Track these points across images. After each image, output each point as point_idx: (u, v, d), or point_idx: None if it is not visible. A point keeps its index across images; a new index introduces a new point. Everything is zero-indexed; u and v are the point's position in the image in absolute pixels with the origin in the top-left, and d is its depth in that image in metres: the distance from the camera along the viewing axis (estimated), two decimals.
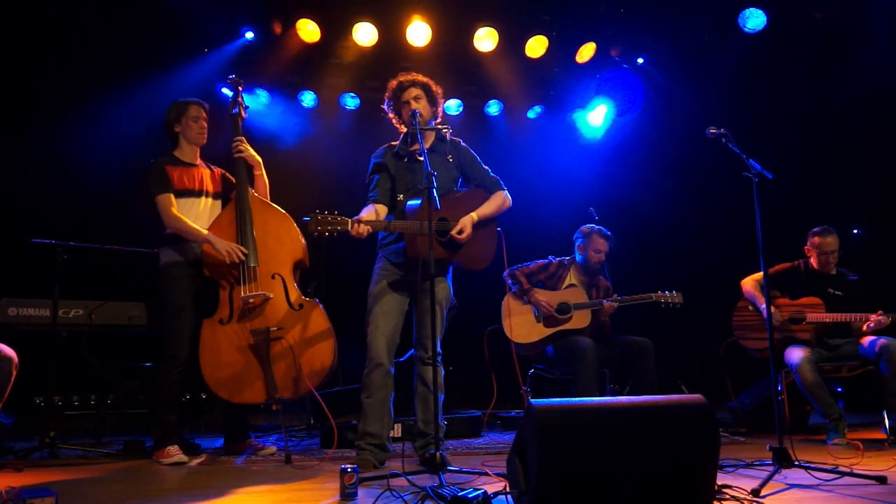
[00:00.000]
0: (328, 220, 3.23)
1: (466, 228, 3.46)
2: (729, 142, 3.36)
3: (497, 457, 3.66)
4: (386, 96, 3.71)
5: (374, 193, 3.63)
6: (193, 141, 3.93)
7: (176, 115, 3.90)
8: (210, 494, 2.86)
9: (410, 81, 3.64)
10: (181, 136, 3.92)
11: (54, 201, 5.07)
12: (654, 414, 2.36)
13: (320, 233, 3.23)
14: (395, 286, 3.56)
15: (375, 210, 3.54)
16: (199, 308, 3.77)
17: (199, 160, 3.98)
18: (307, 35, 5.66)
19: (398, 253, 3.56)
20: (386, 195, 3.62)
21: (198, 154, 3.99)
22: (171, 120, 3.91)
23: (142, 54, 5.29)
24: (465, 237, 3.46)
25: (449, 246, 3.49)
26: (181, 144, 3.93)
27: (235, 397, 3.67)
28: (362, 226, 3.27)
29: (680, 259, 6.15)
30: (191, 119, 3.90)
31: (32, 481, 3.16)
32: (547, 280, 4.62)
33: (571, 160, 6.44)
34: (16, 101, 5.03)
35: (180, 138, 3.92)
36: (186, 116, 3.90)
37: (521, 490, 2.35)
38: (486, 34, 5.87)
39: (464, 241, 3.48)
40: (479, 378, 4.53)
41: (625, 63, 6.19)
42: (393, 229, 3.46)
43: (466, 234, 3.46)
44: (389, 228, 3.46)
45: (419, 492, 2.69)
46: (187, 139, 3.92)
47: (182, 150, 3.94)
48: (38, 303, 4.15)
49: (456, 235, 3.44)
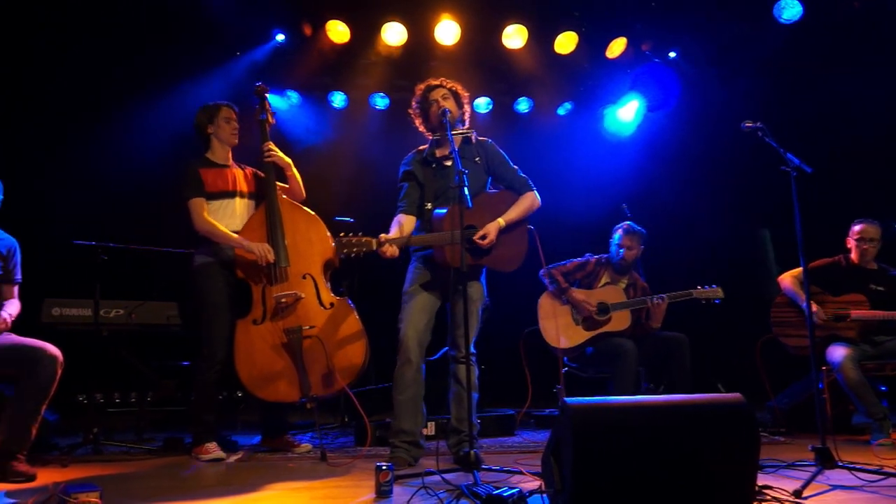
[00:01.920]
0: (353, 243, 3.29)
1: (490, 234, 3.47)
2: (765, 135, 3.29)
3: (531, 455, 3.64)
4: (414, 100, 3.74)
5: (402, 204, 3.66)
6: (226, 142, 3.99)
7: (209, 117, 3.96)
8: (248, 490, 2.91)
9: (438, 84, 3.69)
10: (214, 137, 3.98)
11: (94, 204, 5.19)
12: (692, 413, 2.33)
13: (346, 254, 3.29)
14: (429, 285, 3.58)
15: (402, 225, 3.58)
16: (234, 308, 3.83)
17: (231, 161, 4.04)
18: (337, 36, 5.70)
19: (429, 258, 3.58)
20: (414, 204, 3.65)
21: (230, 155, 4.04)
22: (203, 122, 3.97)
23: (176, 59, 5.39)
24: (487, 243, 3.46)
25: (475, 252, 3.49)
26: (213, 146, 3.99)
27: (270, 396, 3.71)
28: (388, 247, 3.32)
29: (715, 255, 6.05)
30: (223, 120, 3.96)
31: (77, 476, 3.25)
32: (584, 279, 4.58)
33: (603, 157, 6.38)
34: (57, 106, 5.15)
35: (213, 140, 3.98)
36: (219, 118, 3.96)
37: (556, 489, 2.34)
38: (515, 31, 5.84)
39: (487, 247, 3.48)
40: (512, 376, 4.52)
41: (656, 57, 6.11)
42: (418, 243, 3.48)
43: (489, 240, 3.46)
44: (415, 243, 3.48)
45: (454, 490, 2.69)
46: (220, 140, 3.98)
47: (214, 152, 4.00)
48: (80, 303, 4.26)
49: (479, 241, 3.45)
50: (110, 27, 5.13)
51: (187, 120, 4.06)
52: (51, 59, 5.07)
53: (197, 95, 5.14)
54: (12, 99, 5.04)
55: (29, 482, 3.11)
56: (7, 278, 3.58)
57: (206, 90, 5.28)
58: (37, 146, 5.02)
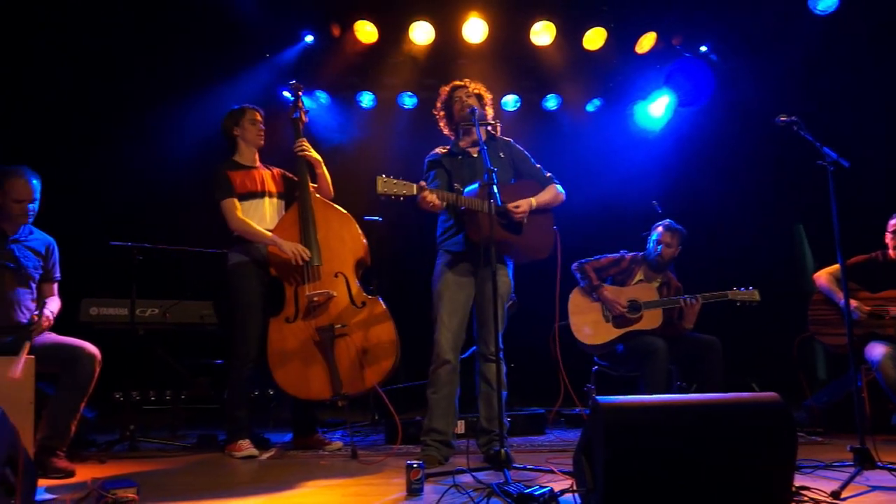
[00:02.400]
0: (394, 183, 3.23)
1: (523, 205, 3.48)
2: (801, 129, 3.23)
3: (562, 454, 3.62)
4: (439, 101, 3.76)
5: (432, 185, 3.65)
6: (252, 143, 4.04)
7: (235, 121, 4.02)
8: (281, 487, 2.94)
9: (464, 85, 3.72)
10: (240, 139, 4.03)
11: (130, 204, 5.29)
12: (727, 413, 2.29)
13: (386, 195, 3.23)
14: (459, 280, 3.57)
15: None
16: (267, 307, 3.87)
17: (258, 162, 4.08)
18: (365, 36, 5.73)
19: (459, 242, 3.56)
20: (444, 186, 3.64)
21: (257, 156, 4.09)
22: (229, 125, 4.03)
23: (209, 62, 5.47)
24: (521, 212, 3.46)
25: (508, 227, 3.47)
26: (240, 148, 4.04)
27: (302, 393, 3.75)
28: (430, 194, 3.28)
29: (748, 253, 5.95)
30: (248, 122, 4.01)
31: (115, 472, 3.32)
32: (617, 275, 4.53)
33: (633, 153, 6.31)
34: (94, 108, 5.26)
35: (239, 142, 4.03)
36: (244, 120, 4.01)
37: (588, 488, 2.32)
38: (543, 28, 5.81)
39: (520, 217, 3.46)
40: (542, 375, 4.50)
41: (687, 52, 6.03)
42: (460, 202, 3.42)
43: (522, 210, 3.47)
44: (457, 200, 3.42)
45: (485, 488, 2.69)
46: (246, 142, 4.03)
47: (241, 154, 4.04)
48: (116, 302, 4.35)
49: (512, 209, 3.43)
50: (145, 31, 5.22)
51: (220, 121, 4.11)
52: (89, 62, 5.18)
53: (229, 97, 5.20)
54: (51, 102, 5.15)
55: (68, 478, 3.18)
56: (47, 277, 3.66)
57: (237, 92, 5.35)
58: (74, 148, 5.13)
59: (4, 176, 3.45)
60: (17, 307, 3.47)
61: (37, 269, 3.58)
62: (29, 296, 3.55)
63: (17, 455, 2.10)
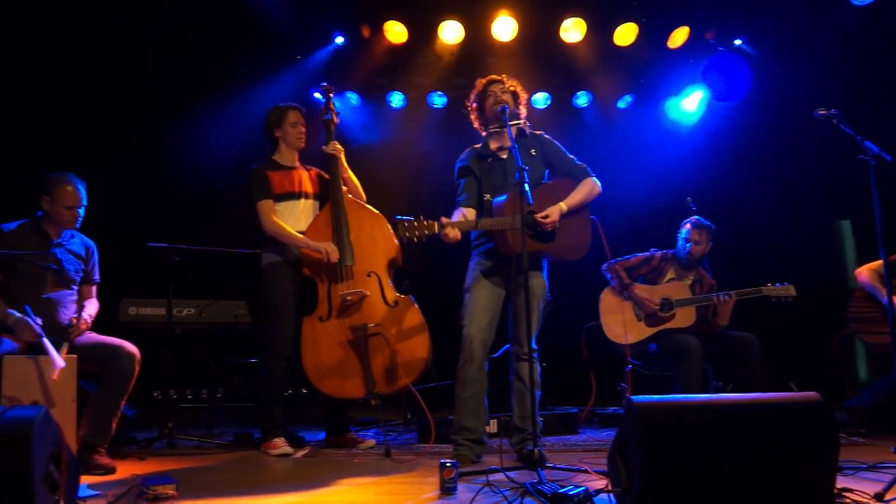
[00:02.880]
0: (415, 226, 3.26)
1: (552, 214, 3.43)
2: (841, 123, 3.16)
3: (596, 454, 3.59)
4: (473, 93, 3.73)
5: (461, 197, 3.66)
6: (293, 146, 4.07)
7: (276, 120, 4.05)
8: (316, 484, 2.97)
9: (499, 80, 3.68)
10: (281, 140, 4.06)
11: (167, 206, 5.39)
12: (766, 413, 2.25)
13: (409, 238, 3.26)
14: (490, 282, 3.57)
15: (464, 214, 3.57)
16: (300, 306, 3.91)
17: (297, 163, 4.12)
18: (394, 36, 5.75)
19: (490, 252, 3.57)
20: (473, 197, 3.64)
21: (297, 157, 4.12)
22: (271, 124, 4.06)
23: (242, 64, 5.54)
24: (550, 222, 3.41)
25: (540, 237, 3.45)
26: (281, 148, 4.08)
27: (336, 392, 3.78)
28: (451, 230, 3.29)
29: (785, 249, 5.83)
30: (289, 124, 4.04)
31: (154, 469, 3.39)
32: (648, 274, 4.48)
33: (665, 150, 6.22)
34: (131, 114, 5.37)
35: (280, 142, 4.07)
36: (286, 122, 4.04)
37: (623, 488, 2.30)
38: (573, 24, 5.77)
39: (550, 228, 3.44)
40: (574, 374, 4.47)
41: (721, 46, 5.93)
42: (482, 227, 3.46)
43: (552, 219, 3.42)
44: (478, 226, 3.46)
45: (518, 488, 2.68)
46: (287, 144, 4.07)
47: (281, 154, 4.08)
48: (154, 302, 4.44)
49: (541, 219, 3.40)
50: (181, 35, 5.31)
51: (253, 123, 4.17)
52: (126, 66, 5.28)
53: (262, 99, 5.27)
54: (89, 106, 5.27)
55: (109, 474, 3.25)
56: (87, 279, 3.75)
57: (270, 94, 5.40)
58: (112, 151, 5.24)
59: (53, 183, 3.54)
60: (59, 308, 3.55)
61: (78, 272, 3.67)
62: (70, 297, 3.63)
63: (61, 452, 2.15)
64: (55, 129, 5.12)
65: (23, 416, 2.00)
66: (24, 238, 3.54)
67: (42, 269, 3.47)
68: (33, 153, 4.89)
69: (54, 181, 3.55)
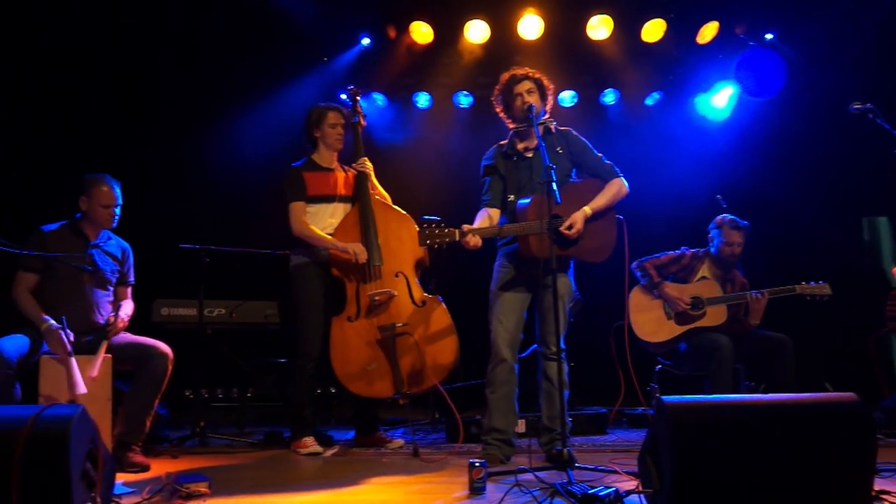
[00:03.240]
0: (436, 233, 3.26)
1: (577, 223, 3.38)
2: (877, 117, 3.09)
3: (625, 455, 3.56)
4: (497, 88, 3.70)
5: (486, 197, 3.65)
6: (331, 147, 4.08)
7: (316, 121, 4.05)
8: (345, 483, 2.99)
9: (524, 75, 3.61)
10: (320, 140, 4.08)
11: (198, 208, 5.46)
12: (801, 413, 2.21)
13: (430, 245, 3.28)
14: (516, 282, 3.56)
15: (489, 215, 3.56)
16: (329, 306, 3.93)
17: (335, 164, 4.13)
18: (420, 37, 5.76)
19: (515, 253, 3.55)
20: (498, 197, 3.63)
21: (335, 158, 4.13)
22: (311, 124, 4.07)
23: (270, 67, 5.60)
24: (574, 232, 3.38)
25: (563, 243, 3.42)
26: (320, 149, 4.09)
27: (364, 391, 3.80)
28: (472, 237, 3.28)
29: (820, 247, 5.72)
30: (328, 125, 4.04)
31: (187, 467, 3.44)
32: (679, 272, 4.42)
33: (695, 147, 6.14)
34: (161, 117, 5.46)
35: (319, 143, 4.08)
36: (325, 122, 4.04)
37: (654, 489, 2.28)
38: (600, 22, 5.72)
39: (574, 237, 3.41)
40: (603, 374, 4.43)
41: (751, 40, 5.83)
42: (503, 233, 3.46)
43: (576, 229, 3.38)
44: (500, 233, 3.46)
45: (548, 488, 2.67)
46: (325, 144, 4.07)
47: (320, 155, 4.09)
48: (186, 303, 4.51)
49: (565, 231, 3.36)
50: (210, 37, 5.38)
51: (282, 125, 4.20)
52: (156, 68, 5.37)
53: (290, 101, 5.32)
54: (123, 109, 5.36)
55: (143, 472, 3.31)
56: (122, 280, 3.83)
57: (297, 96, 5.46)
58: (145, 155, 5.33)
59: (90, 184, 3.64)
60: (96, 309, 3.63)
61: (114, 273, 3.75)
62: (106, 298, 3.71)
63: (97, 450, 2.19)
64: (91, 133, 5.22)
65: (60, 414, 2.04)
66: (63, 239, 3.62)
67: (79, 270, 3.54)
68: (70, 156, 5.00)
69: (91, 182, 3.65)
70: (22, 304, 3.48)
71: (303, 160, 4.08)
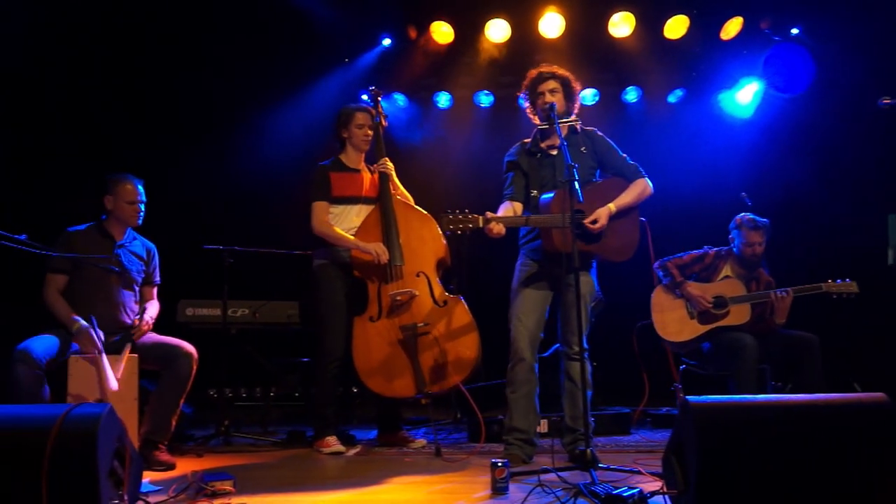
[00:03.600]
0: (459, 219, 3.26)
1: (601, 219, 3.37)
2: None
3: (649, 455, 3.53)
4: (524, 85, 3.68)
5: (508, 191, 3.65)
6: (358, 148, 4.09)
7: (344, 122, 4.08)
8: (368, 482, 3.00)
9: (550, 73, 3.60)
10: (347, 141, 4.10)
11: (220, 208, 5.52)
12: (829, 414, 2.17)
13: (453, 231, 3.27)
14: (537, 281, 3.55)
15: (512, 207, 3.55)
16: (351, 306, 3.95)
17: (362, 164, 4.14)
18: (441, 37, 5.76)
19: (537, 250, 3.54)
20: (520, 192, 3.62)
21: (362, 159, 4.14)
22: (339, 125, 4.10)
23: (291, 67, 5.64)
24: (598, 227, 3.37)
25: (586, 238, 3.41)
26: (347, 149, 4.11)
27: (387, 391, 3.81)
28: (495, 224, 3.27)
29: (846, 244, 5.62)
30: (356, 126, 4.06)
31: (212, 465, 3.48)
32: (702, 272, 4.36)
33: (719, 145, 6.06)
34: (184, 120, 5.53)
35: (346, 143, 4.10)
36: (353, 123, 4.06)
37: (679, 490, 2.26)
38: (622, 19, 5.68)
39: (598, 232, 3.39)
40: (626, 374, 4.40)
41: (776, 36, 5.75)
42: (528, 224, 3.44)
43: (600, 224, 3.37)
44: (525, 223, 3.44)
45: (571, 488, 2.66)
46: (352, 145, 4.09)
47: (348, 155, 4.11)
48: (210, 303, 4.56)
49: (589, 225, 3.35)
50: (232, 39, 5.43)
51: (304, 126, 4.22)
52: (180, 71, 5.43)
53: (311, 102, 5.36)
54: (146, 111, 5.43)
55: (169, 471, 3.35)
56: (148, 280, 3.88)
57: (319, 98, 5.49)
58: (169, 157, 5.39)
59: (113, 183, 3.72)
60: (122, 309, 3.69)
61: (139, 273, 3.80)
62: (132, 298, 3.76)
63: (125, 448, 2.22)
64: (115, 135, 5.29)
65: (89, 414, 2.07)
66: (90, 240, 3.68)
67: (106, 270, 3.60)
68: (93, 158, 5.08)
69: (115, 181, 3.73)
70: (53, 305, 3.54)
71: (330, 160, 4.10)
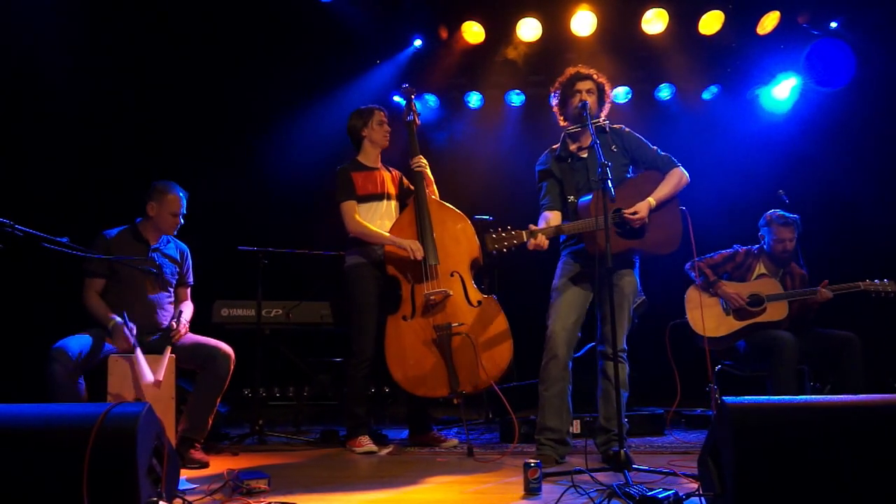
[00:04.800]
0: (503, 236, 3.26)
1: (641, 210, 3.34)
2: None
3: (684, 457, 3.48)
4: (559, 81, 3.64)
5: (545, 201, 3.63)
6: (379, 144, 4.13)
7: (364, 121, 4.11)
8: (401, 482, 3.01)
9: (588, 75, 3.58)
10: (367, 139, 4.13)
11: (255, 210, 5.60)
12: (870, 415, 2.12)
13: (498, 250, 3.26)
14: (579, 281, 3.52)
15: (548, 219, 3.54)
16: (384, 306, 3.97)
17: (379, 163, 4.19)
18: (472, 37, 5.77)
19: (580, 253, 3.52)
20: (557, 200, 3.60)
21: (380, 157, 4.19)
22: (357, 125, 4.13)
23: (323, 70, 5.70)
24: (638, 218, 3.34)
25: (629, 234, 3.37)
26: (365, 148, 4.14)
27: (420, 391, 3.82)
28: (539, 237, 3.26)
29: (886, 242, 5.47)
30: (376, 123, 4.10)
31: (247, 464, 3.52)
32: (734, 271, 4.30)
33: (755, 141, 5.96)
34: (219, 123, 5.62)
35: (365, 142, 4.13)
36: (373, 121, 4.10)
37: (715, 493, 2.22)
38: (655, 15, 5.62)
39: (639, 224, 3.36)
40: (660, 374, 4.34)
41: (815, 30, 5.62)
42: (568, 231, 3.43)
43: (640, 216, 3.34)
44: (564, 231, 3.43)
45: (605, 489, 2.63)
46: (373, 143, 4.13)
47: (366, 154, 4.15)
48: (244, 304, 4.62)
49: (630, 216, 3.32)
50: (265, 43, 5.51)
51: (336, 127, 4.26)
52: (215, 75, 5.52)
53: (344, 104, 5.39)
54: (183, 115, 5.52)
55: (203, 469, 3.40)
56: (182, 281, 3.95)
57: (351, 99, 5.53)
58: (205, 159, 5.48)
59: (160, 191, 3.76)
60: (158, 310, 3.76)
61: (174, 275, 3.87)
62: (167, 299, 3.83)
63: (163, 446, 2.26)
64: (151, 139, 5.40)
65: (128, 412, 2.11)
66: (124, 243, 3.75)
67: (143, 273, 3.67)
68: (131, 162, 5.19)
69: (161, 189, 3.77)
70: (93, 308, 3.61)
71: (349, 161, 4.14)
